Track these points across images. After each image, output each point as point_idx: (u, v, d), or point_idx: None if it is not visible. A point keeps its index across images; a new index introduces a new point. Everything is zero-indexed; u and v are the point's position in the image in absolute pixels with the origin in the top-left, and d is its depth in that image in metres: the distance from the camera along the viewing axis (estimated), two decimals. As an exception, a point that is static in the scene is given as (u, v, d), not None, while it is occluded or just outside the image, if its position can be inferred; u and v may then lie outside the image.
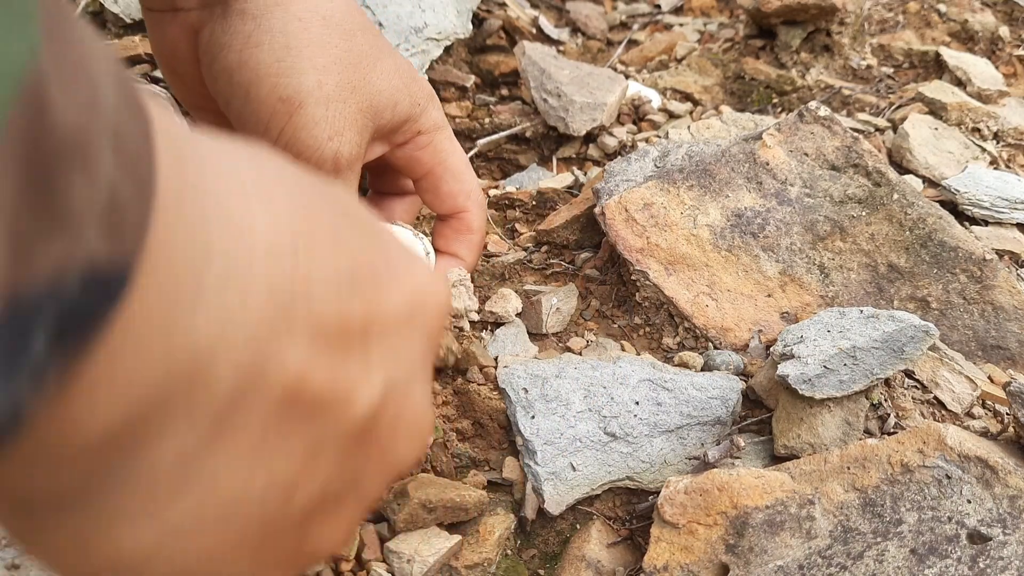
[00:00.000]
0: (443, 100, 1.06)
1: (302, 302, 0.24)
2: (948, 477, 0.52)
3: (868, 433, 0.59)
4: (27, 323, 0.17)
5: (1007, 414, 0.63)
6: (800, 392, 0.58)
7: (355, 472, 0.28)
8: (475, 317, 0.68)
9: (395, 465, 0.30)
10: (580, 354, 0.70)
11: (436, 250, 0.66)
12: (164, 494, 0.23)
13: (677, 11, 1.35)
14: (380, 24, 1.00)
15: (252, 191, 0.24)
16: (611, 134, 0.99)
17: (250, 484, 0.24)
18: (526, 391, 0.64)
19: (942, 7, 1.24)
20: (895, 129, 0.97)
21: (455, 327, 0.63)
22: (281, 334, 0.24)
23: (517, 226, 0.89)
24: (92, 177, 0.18)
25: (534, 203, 0.91)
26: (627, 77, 1.14)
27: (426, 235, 0.65)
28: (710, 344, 0.71)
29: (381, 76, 0.57)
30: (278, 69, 0.52)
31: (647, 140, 0.98)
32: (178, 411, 0.22)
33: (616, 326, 0.74)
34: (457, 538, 0.56)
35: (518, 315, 0.73)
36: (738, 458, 0.60)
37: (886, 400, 0.62)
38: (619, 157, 0.87)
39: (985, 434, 0.60)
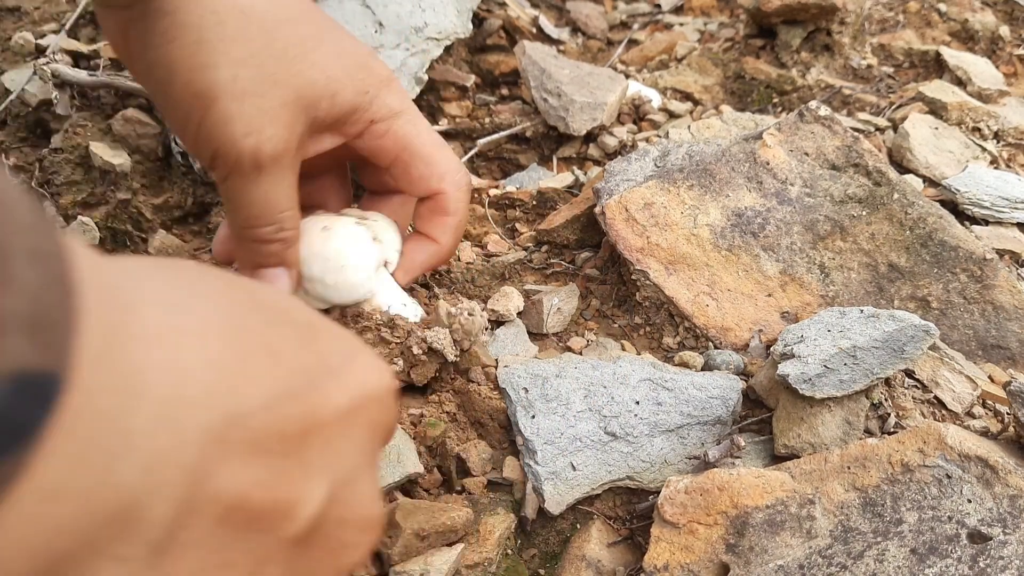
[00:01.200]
0: (443, 100, 1.06)
1: (238, 425, 0.24)
2: (948, 477, 0.52)
3: (868, 433, 0.59)
4: None
5: (1007, 414, 0.63)
6: (800, 392, 0.58)
7: (306, 574, 0.29)
8: (485, 337, 0.68)
9: (346, 561, 0.30)
10: (580, 354, 0.70)
11: (417, 231, 0.66)
12: None
13: (677, 11, 1.34)
14: (380, 24, 1.00)
15: (182, 321, 0.24)
16: (611, 134, 0.99)
17: None
18: (526, 391, 0.64)
19: (942, 7, 1.24)
20: (895, 129, 0.97)
21: (466, 339, 0.63)
22: (216, 459, 0.24)
23: (517, 226, 0.89)
24: (12, 288, 0.18)
25: (534, 203, 0.90)
26: (627, 77, 1.14)
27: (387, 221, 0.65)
28: (710, 344, 0.71)
29: (314, 66, 0.54)
30: (191, 64, 0.50)
31: (647, 140, 0.98)
32: (112, 546, 0.22)
33: (616, 326, 0.74)
34: (460, 547, 0.56)
35: (519, 314, 0.73)
36: (738, 458, 0.60)
37: (886, 400, 0.62)
38: (619, 157, 0.87)
39: (985, 434, 0.60)
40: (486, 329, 0.65)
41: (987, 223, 0.84)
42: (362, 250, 0.60)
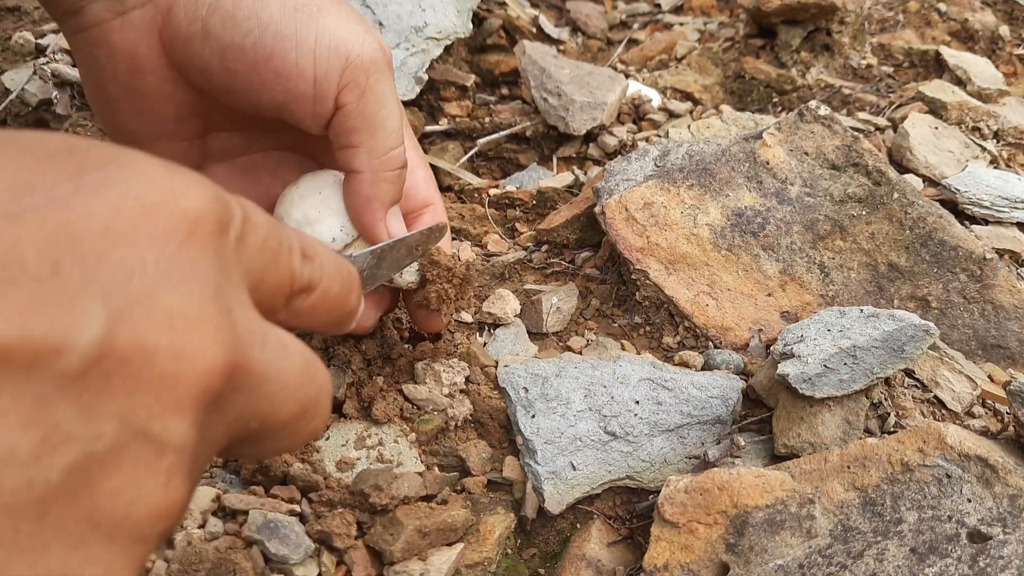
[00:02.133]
0: (443, 99, 1.06)
1: None
2: (948, 476, 0.52)
3: (868, 432, 0.59)
4: None
5: (1007, 413, 0.63)
6: (800, 391, 0.58)
7: (120, 415, 0.24)
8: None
9: (174, 392, 0.25)
10: (580, 353, 0.70)
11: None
12: None
13: (677, 10, 1.35)
14: (380, 23, 1.00)
15: None
16: (611, 133, 0.99)
17: None
18: (526, 390, 0.64)
19: (942, 6, 1.24)
20: (895, 128, 0.97)
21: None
22: None
23: (517, 225, 0.89)
24: None
25: (534, 202, 0.91)
26: (627, 76, 1.14)
27: None
28: (710, 343, 0.71)
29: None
30: (281, 11, 0.52)
31: (647, 139, 0.98)
32: None
33: (616, 325, 0.74)
34: (460, 546, 0.56)
35: (517, 316, 0.73)
36: (738, 457, 0.60)
37: (886, 399, 0.62)
38: (619, 156, 0.87)
39: (985, 433, 0.60)
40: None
41: (987, 223, 0.84)
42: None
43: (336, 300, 0.36)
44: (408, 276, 0.59)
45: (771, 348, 0.65)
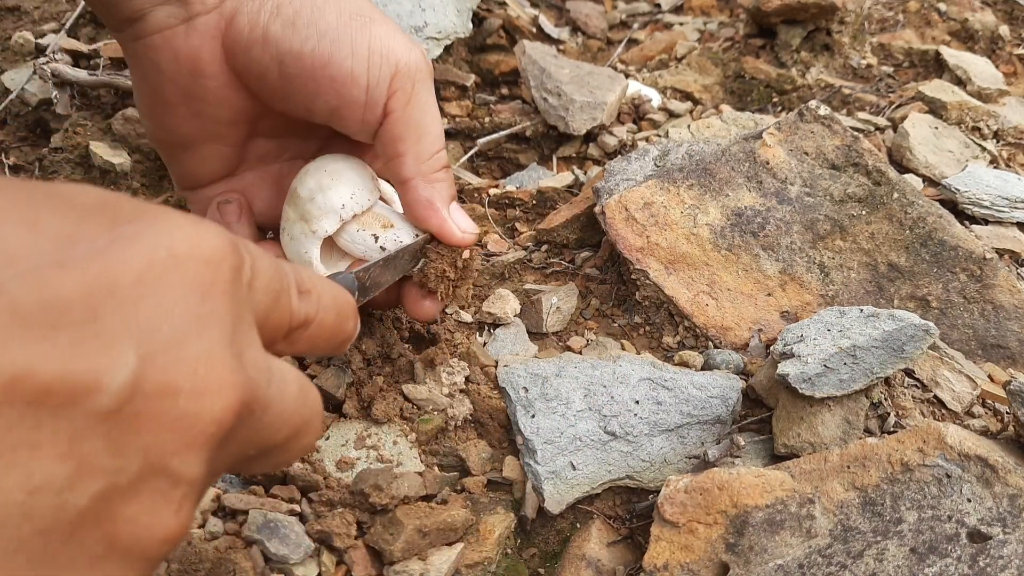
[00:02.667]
0: (443, 99, 1.06)
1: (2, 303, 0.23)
2: (948, 476, 0.52)
3: (868, 432, 0.59)
4: None
5: (1007, 413, 0.63)
6: (800, 391, 0.58)
7: (143, 450, 0.27)
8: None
9: (190, 430, 0.28)
10: (580, 353, 0.70)
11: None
12: None
13: (677, 10, 1.35)
14: (380, 23, 1.00)
15: None
16: (611, 133, 0.99)
17: (3, 490, 0.23)
18: (526, 390, 0.64)
19: (942, 6, 1.24)
20: (895, 128, 0.97)
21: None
22: None
23: (517, 225, 0.89)
24: None
25: (534, 202, 0.91)
26: (627, 76, 1.14)
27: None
28: (710, 343, 0.71)
29: None
30: (335, 22, 0.54)
31: (647, 139, 0.98)
32: None
33: (616, 325, 0.74)
34: (460, 546, 0.56)
35: (517, 316, 0.73)
36: (738, 457, 0.60)
37: (886, 399, 0.62)
38: (619, 156, 0.87)
39: (985, 433, 0.60)
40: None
41: (987, 222, 0.84)
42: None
43: (332, 330, 0.39)
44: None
45: (771, 348, 0.65)
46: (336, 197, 0.57)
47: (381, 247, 0.58)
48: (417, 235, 0.58)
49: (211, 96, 0.56)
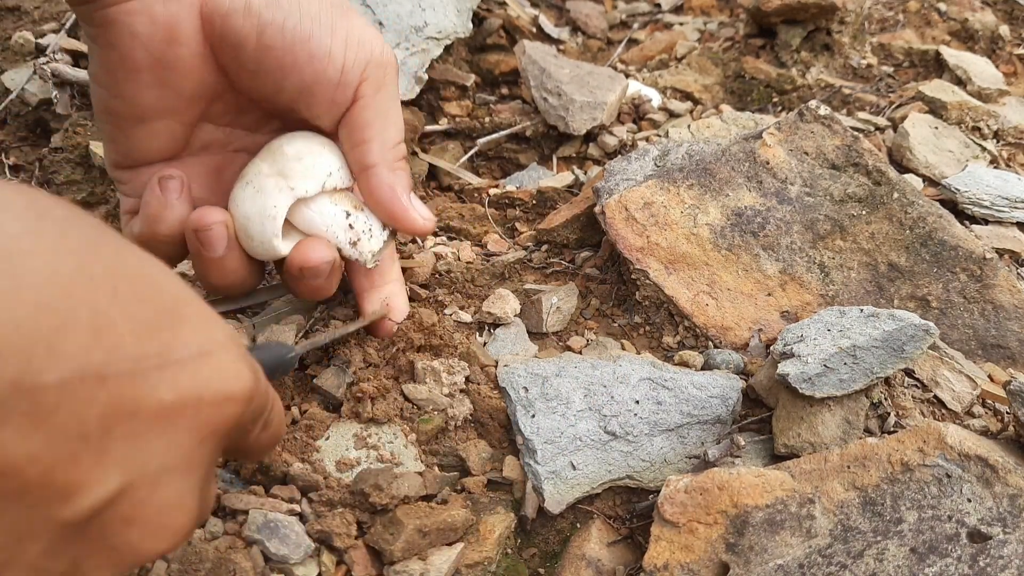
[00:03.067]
0: (443, 99, 1.06)
1: (23, 396, 0.24)
2: (948, 476, 0.52)
3: (868, 432, 0.59)
4: None
5: (1007, 413, 0.63)
6: (800, 391, 0.58)
7: (74, 561, 0.28)
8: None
9: (125, 560, 0.29)
10: (580, 353, 0.70)
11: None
12: None
13: (677, 10, 1.35)
14: (380, 23, 1.00)
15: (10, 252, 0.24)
16: (611, 133, 0.99)
17: None
18: (526, 390, 0.64)
19: (942, 6, 1.24)
20: (895, 128, 0.97)
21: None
22: None
23: (517, 225, 0.89)
24: None
25: (534, 202, 0.91)
26: (627, 76, 1.14)
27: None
28: (710, 343, 0.71)
29: None
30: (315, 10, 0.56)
31: (647, 139, 0.98)
32: None
33: (616, 325, 0.74)
34: (460, 546, 0.56)
35: (517, 315, 0.73)
36: (738, 457, 0.60)
37: (886, 399, 0.62)
38: (619, 156, 0.87)
39: (985, 433, 0.60)
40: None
41: (987, 222, 0.84)
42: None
43: (269, 447, 0.43)
44: (374, 243, 0.61)
45: (771, 348, 0.65)
46: (325, 163, 0.58)
47: (350, 225, 0.59)
48: (385, 228, 0.61)
49: (180, 64, 0.56)
